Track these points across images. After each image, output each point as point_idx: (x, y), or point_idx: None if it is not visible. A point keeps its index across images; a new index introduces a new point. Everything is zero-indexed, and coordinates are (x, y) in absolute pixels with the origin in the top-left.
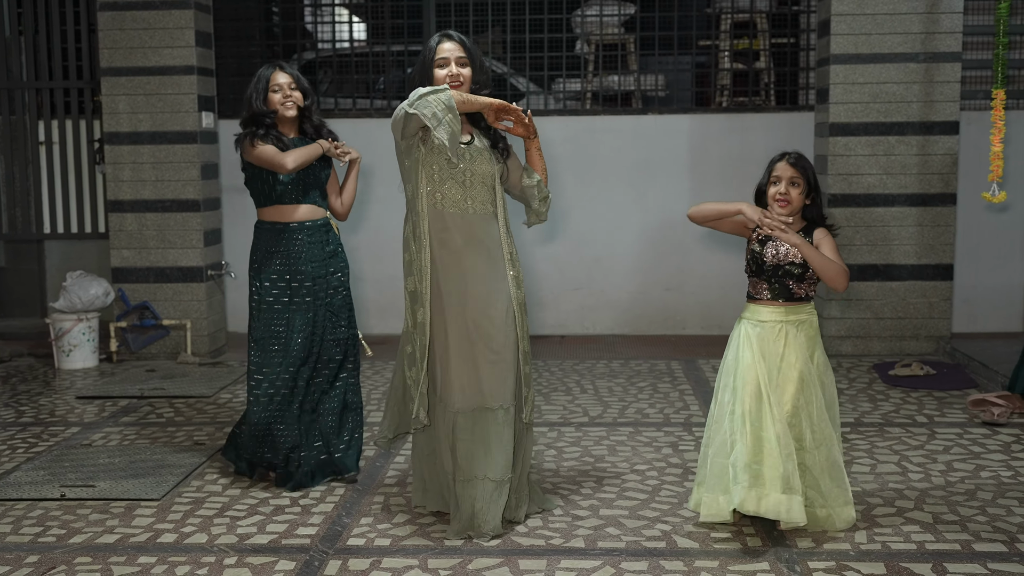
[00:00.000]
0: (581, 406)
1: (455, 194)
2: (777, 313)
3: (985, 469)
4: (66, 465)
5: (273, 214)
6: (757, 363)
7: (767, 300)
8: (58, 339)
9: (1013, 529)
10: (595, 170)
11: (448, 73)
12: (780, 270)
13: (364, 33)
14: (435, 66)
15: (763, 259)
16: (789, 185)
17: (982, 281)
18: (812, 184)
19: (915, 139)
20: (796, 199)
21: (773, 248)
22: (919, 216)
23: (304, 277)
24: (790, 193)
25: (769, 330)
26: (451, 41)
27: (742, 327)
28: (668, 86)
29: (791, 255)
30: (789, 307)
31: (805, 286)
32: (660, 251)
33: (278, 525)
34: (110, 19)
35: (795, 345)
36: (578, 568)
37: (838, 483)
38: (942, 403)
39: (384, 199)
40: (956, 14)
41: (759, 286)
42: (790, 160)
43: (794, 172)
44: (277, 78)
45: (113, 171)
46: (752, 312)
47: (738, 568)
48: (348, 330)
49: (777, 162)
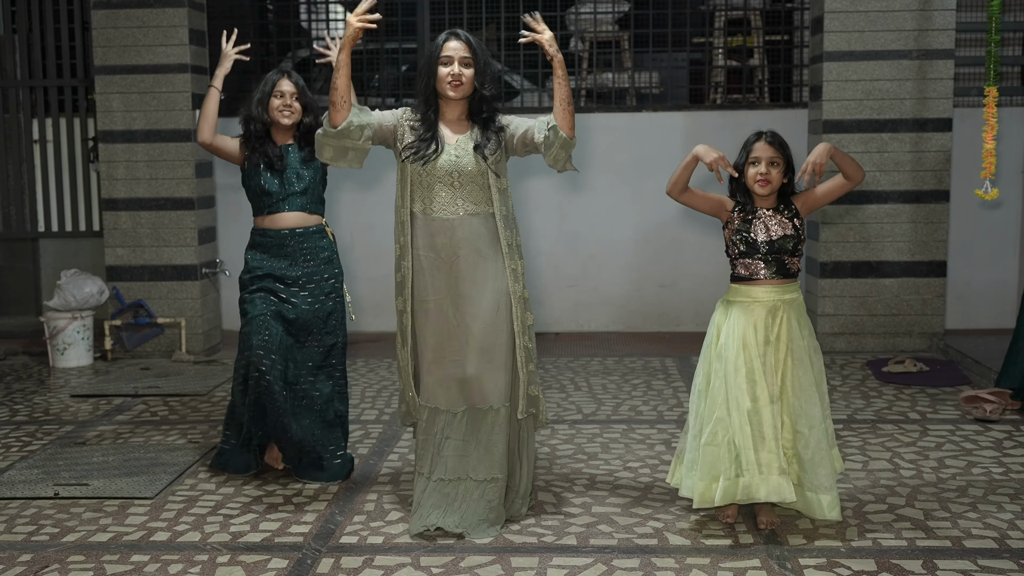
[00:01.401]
0: (575, 403)
1: (444, 197)
2: (774, 292)
3: (977, 466)
4: (60, 464)
5: (263, 221)
6: (751, 348)
7: (764, 279)
8: (52, 337)
9: (1004, 526)
10: (590, 167)
11: (450, 72)
12: (775, 246)
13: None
14: (439, 63)
15: (754, 238)
16: (769, 165)
17: (975, 278)
18: (789, 162)
19: (908, 136)
20: (776, 179)
21: (762, 224)
22: (913, 213)
23: (292, 283)
24: (770, 173)
25: (763, 310)
26: (457, 40)
27: (732, 312)
28: (662, 83)
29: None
30: (784, 285)
31: (796, 260)
32: (655, 248)
33: (271, 523)
34: (104, 17)
35: (788, 324)
36: (570, 566)
37: (824, 464)
38: (935, 400)
39: (380, 198)
40: (949, 11)
41: (754, 266)
42: (767, 139)
43: (773, 152)
44: (282, 85)
45: (107, 169)
46: (744, 294)
47: (729, 565)
48: (336, 337)
49: (755, 142)
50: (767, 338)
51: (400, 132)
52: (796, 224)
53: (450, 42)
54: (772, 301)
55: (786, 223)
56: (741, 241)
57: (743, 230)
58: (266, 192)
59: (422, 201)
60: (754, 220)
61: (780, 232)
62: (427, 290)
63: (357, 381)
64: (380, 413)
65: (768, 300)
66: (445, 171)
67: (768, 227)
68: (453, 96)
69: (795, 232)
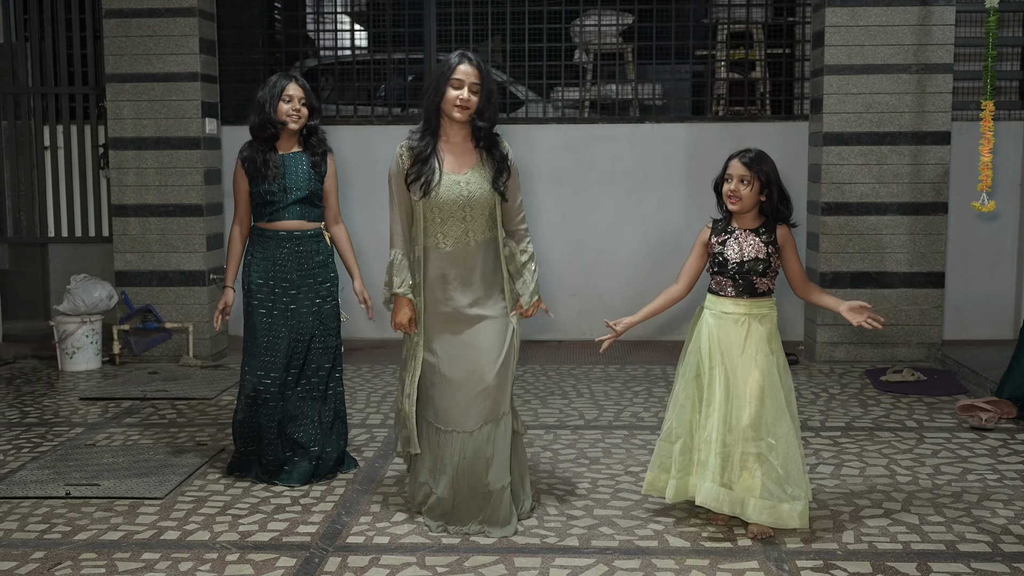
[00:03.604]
0: (577, 409)
1: (456, 231)
2: (741, 307)
3: (972, 472)
4: (71, 464)
5: (263, 224)
6: (715, 356)
7: (731, 296)
8: (62, 341)
9: (997, 530)
10: (593, 177)
11: (459, 96)
12: (744, 267)
13: (365, 41)
14: (449, 85)
15: (725, 258)
16: (739, 183)
17: (973, 289)
18: (766, 181)
19: (907, 149)
20: (747, 197)
21: (736, 246)
22: (911, 225)
23: (289, 285)
24: (739, 191)
25: (731, 321)
26: (470, 65)
27: (703, 319)
28: (665, 95)
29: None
30: (752, 301)
31: (767, 280)
32: (656, 258)
33: (279, 523)
34: (115, 26)
35: (755, 337)
36: (572, 566)
37: (795, 477)
38: (932, 408)
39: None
40: (948, 26)
41: (723, 283)
42: (743, 159)
43: (744, 171)
44: (290, 89)
45: (117, 176)
46: (714, 303)
47: (728, 567)
48: (336, 339)
49: (731, 159)
50: (734, 348)
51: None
52: (770, 251)
53: (463, 65)
54: (741, 315)
55: (760, 247)
56: (714, 261)
57: (718, 252)
58: (268, 201)
59: (434, 236)
60: (729, 239)
61: (752, 254)
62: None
63: (362, 386)
64: (385, 417)
65: (736, 313)
66: (459, 206)
67: (742, 247)
68: (458, 118)
69: (767, 257)
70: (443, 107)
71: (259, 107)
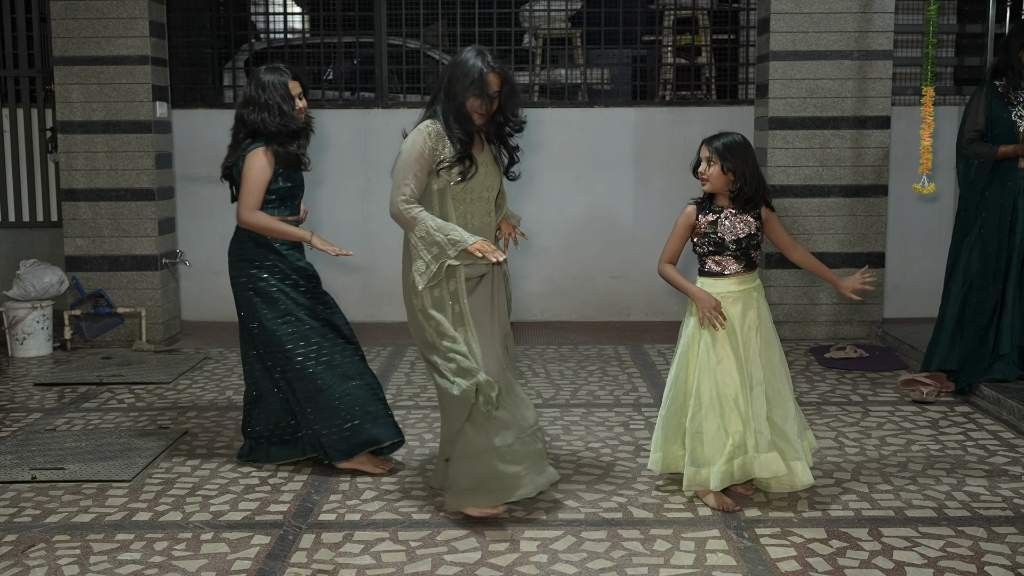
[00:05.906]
0: (535, 388)
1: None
2: (744, 282)
3: (915, 443)
4: (33, 449)
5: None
6: (733, 336)
7: (735, 272)
8: (12, 327)
9: (941, 496)
10: (543, 161)
11: (483, 104)
12: (742, 242)
13: (315, 24)
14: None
15: (722, 238)
16: (706, 164)
17: (911, 269)
18: (731, 166)
19: (849, 133)
20: (714, 177)
21: (729, 224)
22: (853, 206)
23: (300, 276)
24: (705, 171)
25: (736, 300)
26: (498, 76)
27: None
28: (613, 80)
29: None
30: (750, 275)
31: (759, 252)
32: (606, 240)
33: (250, 503)
34: (63, 8)
35: (756, 309)
36: (542, 538)
37: (801, 434)
38: (875, 383)
39: (366, 189)
40: (888, 14)
41: (724, 262)
42: (707, 142)
43: (708, 152)
44: (296, 87)
45: (67, 160)
46: (713, 286)
47: (691, 535)
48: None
49: (701, 144)
50: (742, 325)
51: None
52: (757, 226)
53: (493, 75)
54: (743, 290)
55: (750, 222)
56: (709, 242)
57: (710, 232)
58: (294, 195)
59: (463, 217)
60: (719, 220)
61: (745, 231)
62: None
63: None
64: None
65: (739, 290)
66: (485, 186)
67: (735, 227)
68: (478, 122)
69: (756, 232)
70: (467, 108)
71: (268, 108)
